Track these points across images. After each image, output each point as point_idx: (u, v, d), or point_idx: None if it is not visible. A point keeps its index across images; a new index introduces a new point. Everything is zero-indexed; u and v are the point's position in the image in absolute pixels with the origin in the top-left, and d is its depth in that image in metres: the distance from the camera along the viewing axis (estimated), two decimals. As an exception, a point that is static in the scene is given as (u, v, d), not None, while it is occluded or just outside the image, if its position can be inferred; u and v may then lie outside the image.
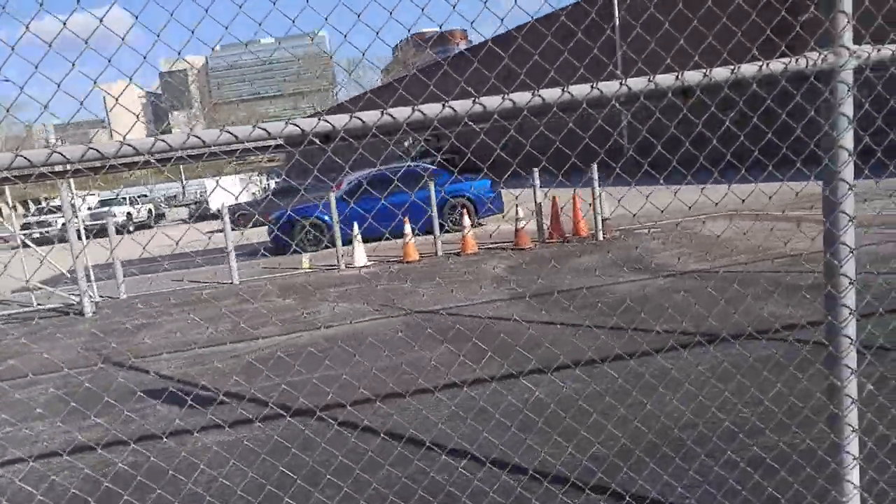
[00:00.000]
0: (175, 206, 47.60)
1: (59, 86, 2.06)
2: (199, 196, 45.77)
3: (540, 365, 5.08)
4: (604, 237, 12.41)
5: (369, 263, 13.05)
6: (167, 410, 5.45)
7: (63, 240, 11.19)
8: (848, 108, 2.42)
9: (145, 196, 55.05)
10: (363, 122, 2.24)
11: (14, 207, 44.84)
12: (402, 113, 2.26)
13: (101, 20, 2.07)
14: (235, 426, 4.86)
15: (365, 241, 13.60)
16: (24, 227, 33.71)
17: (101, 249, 11.38)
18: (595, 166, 12.12)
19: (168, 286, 12.90)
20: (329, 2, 2.31)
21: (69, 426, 5.28)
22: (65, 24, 2.07)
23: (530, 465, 3.68)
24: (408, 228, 12.70)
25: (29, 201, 43.25)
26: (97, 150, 2.01)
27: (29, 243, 11.42)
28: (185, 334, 8.44)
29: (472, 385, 5.07)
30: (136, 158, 2.07)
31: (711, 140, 2.81)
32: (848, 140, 2.45)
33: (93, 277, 11.55)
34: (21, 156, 1.97)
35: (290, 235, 15.89)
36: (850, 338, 2.61)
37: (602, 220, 12.44)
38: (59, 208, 37.14)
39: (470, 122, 2.35)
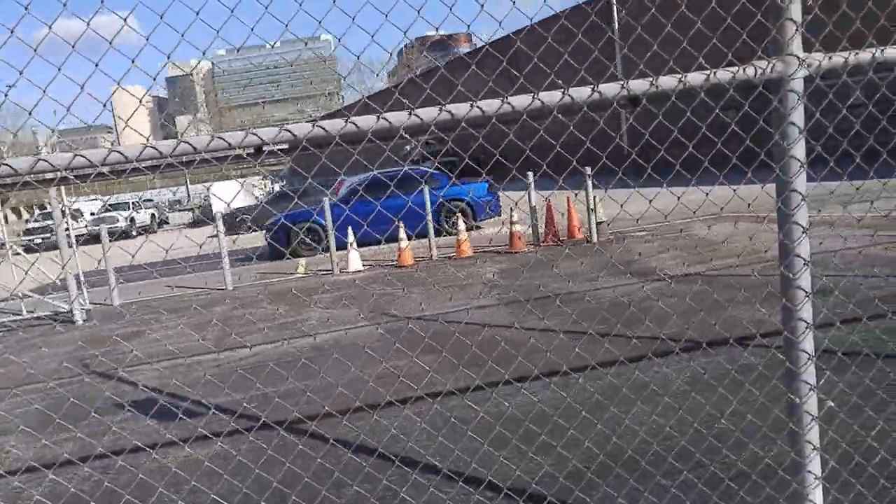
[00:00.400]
0: (179, 211, 47.67)
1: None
2: (203, 200, 45.81)
3: (491, 379, 5.01)
4: (598, 240, 12.31)
5: (364, 268, 12.99)
6: (136, 425, 5.39)
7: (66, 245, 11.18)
8: (798, 117, 2.33)
9: (150, 201, 55.20)
10: (294, 135, 2.18)
11: (18, 212, 44.98)
12: (334, 126, 2.19)
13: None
14: (200, 442, 4.79)
15: (362, 245, 13.54)
16: (27, 232, 33.85)
17: (99, 255, 11.36)
18: (588, 169, 12.03)
19: (162, 292, 12.88)
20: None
21: (36, 442, 5.22)
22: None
23: (489, 478, 3.60)
24: (402, 233, 12.63)
25: (34, 206, 43.40)
26: (9, 167, 1.95)
27: (19, 251, 11.41)
28: (171, 343, 8.38)
29: (443, 397, 4.99)
30: (51, 175, 2.01)
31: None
32: (799, 150, 2.36)
33: (84, 285, 11.51)
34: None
35: (287, 240, 15.87)
36: (807, 353, 2.53)
37: (597, 223, 12.35)
38: (62, 213, 37.27)
39: (377, 134, 2.28)
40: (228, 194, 31.21)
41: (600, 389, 4.70)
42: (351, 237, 13.04)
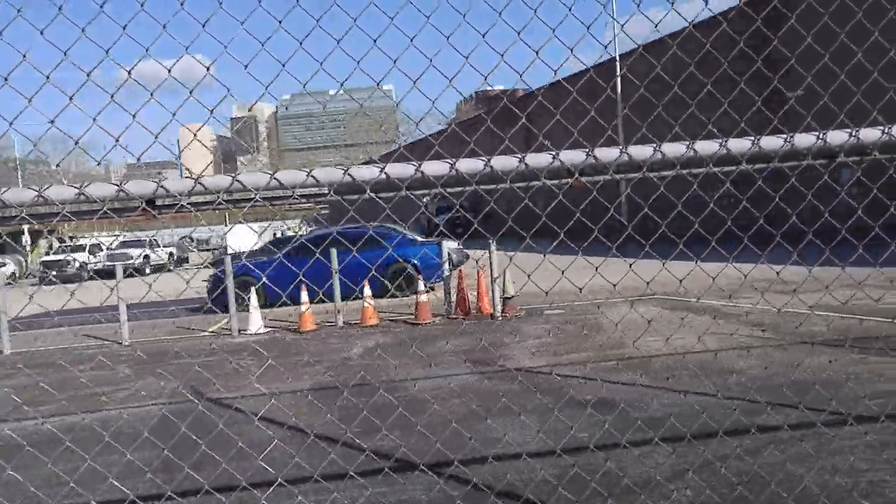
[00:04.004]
0: (202, 250, 48.51)
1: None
2: (222, 241, 46.49)
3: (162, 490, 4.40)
4: (503, 316, 11.54)
5: (266, 330, 12.52)
6: None
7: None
8: None
9: (190, 239, 56.24)
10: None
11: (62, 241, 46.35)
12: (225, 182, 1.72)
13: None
14: None
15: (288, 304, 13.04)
16: (45, 265, 34.78)
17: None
18: (493, 243, 11.35)
19: (65, 342, 12.70)
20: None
21: None
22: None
23: None
24: (304, 296, 12.12)
25: (54, 240, 44.80)
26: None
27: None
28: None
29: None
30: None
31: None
32: None
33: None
34: None
35: (222, 294, 15.58)
36: None
37: (503, 299, 11.60)
38: (82, 247, 38.18)
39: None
40: (245, 237, 31.39)
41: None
42: (254, 298, 12.64)
